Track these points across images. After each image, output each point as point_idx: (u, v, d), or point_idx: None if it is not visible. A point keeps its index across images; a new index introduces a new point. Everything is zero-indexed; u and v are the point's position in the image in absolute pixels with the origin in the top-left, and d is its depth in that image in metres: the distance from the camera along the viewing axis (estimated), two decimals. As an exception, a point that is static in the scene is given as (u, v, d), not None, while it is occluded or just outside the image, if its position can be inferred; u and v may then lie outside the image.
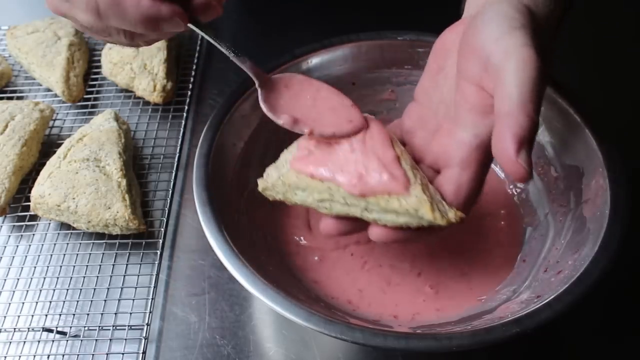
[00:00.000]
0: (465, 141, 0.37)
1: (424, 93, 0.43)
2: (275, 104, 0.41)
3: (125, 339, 0.48)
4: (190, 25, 0.39)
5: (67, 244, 0.55)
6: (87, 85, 0.69)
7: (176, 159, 0.61)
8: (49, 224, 0.57)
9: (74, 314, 0.50)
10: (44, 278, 0.53)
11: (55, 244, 0.55)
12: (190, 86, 0.67)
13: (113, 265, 0.53)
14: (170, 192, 0.58)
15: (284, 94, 0.42)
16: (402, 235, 0.38)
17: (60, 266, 0.53)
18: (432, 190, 0.37)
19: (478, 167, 0.38)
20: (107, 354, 0.48)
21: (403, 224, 0.37)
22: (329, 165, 0.38)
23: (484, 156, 0.38)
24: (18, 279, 0.53)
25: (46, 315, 0.50)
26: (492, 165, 0.55)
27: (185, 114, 0.65)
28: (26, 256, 0.54)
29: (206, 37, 0.41)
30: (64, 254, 0.54)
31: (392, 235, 0.38)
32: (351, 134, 0.40)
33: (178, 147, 0.62)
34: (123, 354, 0.47)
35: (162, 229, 0.55)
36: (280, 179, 0.40)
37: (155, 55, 0.66)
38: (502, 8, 0.36)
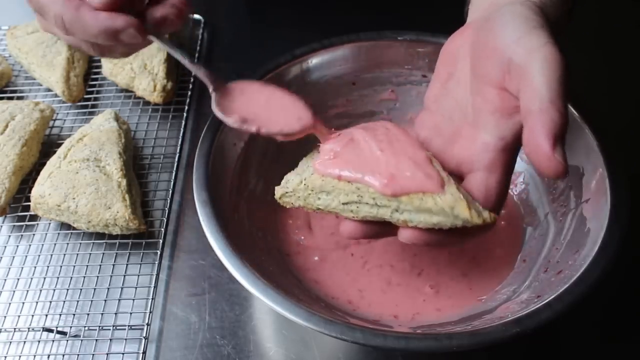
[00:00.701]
0: (489, 144, 0.37)
1: (434, 101, 0.42)
2: (228, 106, 0.42)
3: (126, 339, 0.48)
4: (149, 37, 0.43)
5: (67, 244, 0.55)
6: (87, 85, 0.69)
7: (176, 159, 0.61)
8: (49, 224, 0.57)
9: (74, 314, 0.50)
10: (44, 278, 0.53)
11: (55, 244, 0.55)
12: (190, 86, 0.67)
13: (113, 265, 0.53)
14: (170, 192, 0.58)
15: (238, 98, 0.43)
16: (434, 237, 0.37)
17: (61, 266, 0.53)
18: (464, 190, 0.37)
19: (504, 169, 0.38)
20: (107, 354, 0.48)
21: (435, 225, 0.36)
22: (358, 166, 0.38)
23: (510, 158, 0.38)
24: (18, 279, 0.53)
25: (46, 315, 0.50)
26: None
27: (185, 114, 0.65)
28: (26, 256, 0.54)
29: (163, 46, 0.43)
30: (64, 254, 0.54)
31: (424, 237, 0.37)
32: (299, 131, 0.41)
33: (178, 147, 0.62)
34: (123, 354, 0.47)
35: (162, 229, 0.55)
36: (303, 182, 0.39)
37: (155, 55, 0.66)
38: (517, 9, 0.36)
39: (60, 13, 0.41)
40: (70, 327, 0.49)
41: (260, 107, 0.42)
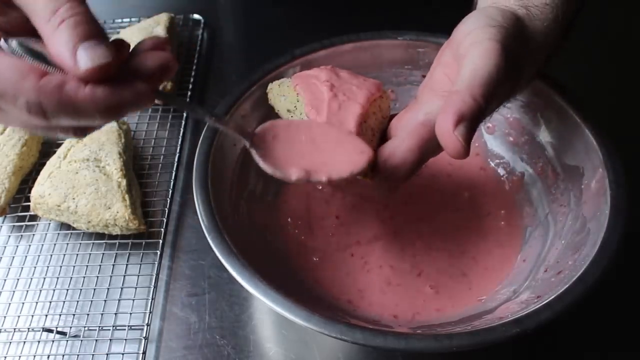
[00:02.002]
0: (414, 117, 0.39)
1: (420, 89, 0.44)
2: (275, 158, 0.37)
3: (125, 339, 0.48)
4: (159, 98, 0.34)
5: (67, 244, 0.55)
6: (87, 85, 0.68)
7: (176, 159, 0.61)
8: (49, 224, 0.57)
9: (74, 314, 0.50)
10: (44, 278, 0.53)
11: (55, 244, 0.55)
12: (190, 86, 0.67)
13: (113, 265, 0.53)
14: (171, 192, 0.58)
15: (277, 146, 0.38)
16: None
17: (60, 266, 0.53)
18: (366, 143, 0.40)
19: (418, 141, 0.38)
20: (107, 354, 0.48)
21: None
22: (310, 87, 0.42)
23: (427, 135, 0.38)
24: (18, 279, 0.53)
25: (46, 316, 0.50)
26: (492, 166, 0.56)
27: (185, 114, 0.65)
28: (26, 256, 0.54)
29: (175, 106, 0.36)
30: (64, 254, 0.54)
31: None
32: (366, 167, 0.38)
33: (178, 147, 0.62)
34: (123, 354, 0.47)
35: (162, 229, 0.55)
36: (279, 84, 0.45)
37: (155, 55, 0.66)
38: (489, 10, 0.39)
39: (36, 101, 0.29)
40: (70, 327, 0.49)
41: (310, 149, 0.38)
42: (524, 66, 0.39)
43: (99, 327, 0.49)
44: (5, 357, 0.48)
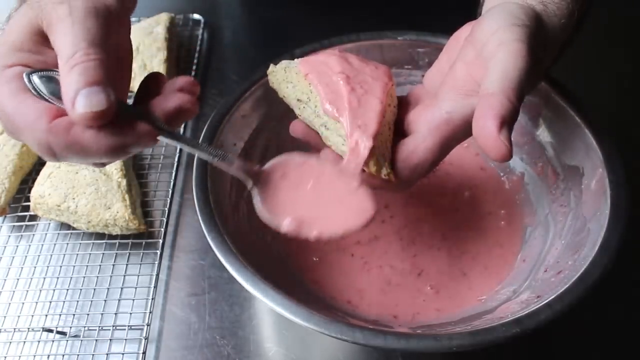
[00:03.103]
0: (436, 114, 0.38)
1: (430, 77, 0.44)
2: (274, 203, 0.37)
3: (125, 339, 0.48)
4: (160, 137, 0.34)
5: (67, 244, 0.55)
6: (87, 85, 0.68)
7: (176, 159, 0.61)
8: (49, 224, 0.57)
9: (74, 314, 0.50)
10: (44, 278, 0.53)
11: (55, 244, 0.55)
12: (190, 86, 0.67)
13: (113, 265, 0.53)
14: (170, 192, 0.58)
15: (282, 187, 0.38)
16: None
17: (60, 266, 0.53)
18: (385, 145, 0.39)
19: (439, 140, 0.38)
20: (107, 354, 0.48)
21: (343, 153, 0.38)
22: (324, 78, 0.40)
23: (449, 134, 0.38)
24: (18, 279, 0.53)
25: (46, 316, 0.50)
26: (492, 165, 0.56)
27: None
28: (26, 256, 0.54)
29: (179, 145, 0.35)
30: (64, 254, 0.54)
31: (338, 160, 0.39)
32: (362, 227, 0.37)
33: (178, 147, 0.62)
34: (123, 354, 0.47)
35: (162, 229, 0.55)
36: (285, 68, 0.42)
37: (155, 55, 0.66)
38: (510, 7, 0.38)
39: (46, 141, 0.31)
40: (70, 327, 0.49)
41: (311, 197, 0.37)
42: (543, 63, 0.39)
43: (99, 327, 0.49)
44: (6, 357, 0.48)
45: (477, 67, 0.37)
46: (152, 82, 0.35)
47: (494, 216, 0.53)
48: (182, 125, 0.63)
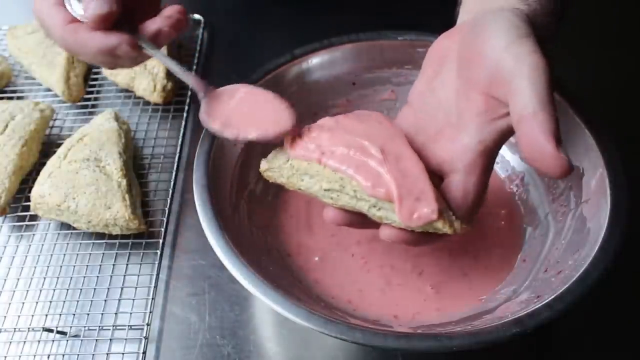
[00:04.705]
0: (470, 147, 0.38)
1: (419, 97, 0.43)
2: (214, 112, 0.43)
3: (126, 339, 0.48)
4: (145, 50, 0.44)
5: (67, 244, 0.55)
6: (87, 85, 0.69)
7: (176, 159, 0.61)
8: (49, 224, 0.57)
9: (74, 314, 0.50)
10: (44, 278, 0.53)
11: (55, 244, 0.55)
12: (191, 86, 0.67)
13: (113, 265, 0.53)
14: (171, 192, 0.58)
15: (225, 104, 0.44)
16: (412, 237, 0.38)
17: (61, 266, 0.53)
18: (441, 197, 0.38)
19: (483, 172, 0.39)
20: (107, 354, 0.48)
21: (415, 227, 0.37)
22: (345, 159, 0.38)
23: (488, 162, 0.39)
24: (18, 279, 0.53)
25: (46, 315, 0.50)
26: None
27: (185, 114, 0.65)
28: (26, 256, 0.54)
29: (156, 56, 0.45)
30: (64, 254, 0.54)
31: (403, 236, 0.38)
32: (275, 136, 0.41)
33: (178, 147, 0.62)
34: (123, 354, 0.47)
35: (162, 229, 0.55)
36: (290, 162, 0.40)
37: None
38: (507, 16, 0.37)
39: (62, 37, 0.43)
40: (70, 327, 0.49)
41: (243, 113, 0.43)
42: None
43: (99, 326, 0.49)
44: (6, 357, 0.48)
45: (496, 87, 0.36)
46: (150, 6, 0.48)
47: (494, 216, 0.53)
48: (183, 126, 0.63)
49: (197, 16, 0.75)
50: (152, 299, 0.50)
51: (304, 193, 0.41)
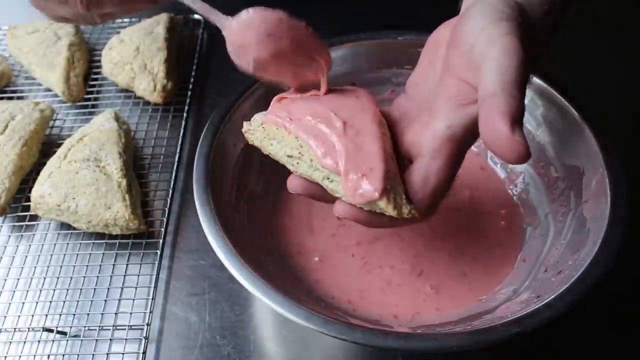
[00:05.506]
0: (438, 131, 0.37)
1: (414, 86, 0.43)
2: (241, 46, 0.43)
3: (126, 339, 0.48)
4: None
5: (67, 244, 0.55)
6: (87, 85, 0.69)
7: (176, 159, 0.61)
8: (49, 224, 0.57)
9: (74, 314, 0.50)
10: (44, 278, 0.53)
11: (55, 244, 0.55)
12: (190, 86, 0.67)
13: (113, 265, 0.53)
14: (171, 192, 0.58)
15: (250, 36, 0.43)
16: (364, 215, 0.37)
17: (61, 266, 0.53)
18: (395, 180, 0.37)
19: (448, 158, 0.37)
20: (107, 354, 0.48)
21: (358, 204, 0.36)
22: (308, 128, 0.38)
23: (457, 148, 0.37)
24: (18, 279, 0.53)
25: (46, 315, 0.50)
26: (492, 165, 0.56)
27: (185, 114, 0.65)
28: (26, 256, 0.54)
29: None
30: (64, 254, 0.54)
31: (353, 213, 0.37)
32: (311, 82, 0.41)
33: (178, 147, 0.62)
34: (123, 354, 0.47)
35: (162, 229, 0.55)
36: (262, 125, 0.40)
37: (155, 55, 0.66)
38: (492, 1, 0.36)
39: None
40: (70, 327, 0.49)
41: (276, 47, 0.43)
42: (533, 54, 0.37)
43: (99, 326, 0.49)
44: (6, 357, 0.48)
45: (468, 70, 0.35)
46: None
47: (494, 216, 0.53)
48: (183, 126, 0.63)
49: (197, 16, 0.75)
50: (152, 299, 0.50)
51: (274, 158, 0.40)
